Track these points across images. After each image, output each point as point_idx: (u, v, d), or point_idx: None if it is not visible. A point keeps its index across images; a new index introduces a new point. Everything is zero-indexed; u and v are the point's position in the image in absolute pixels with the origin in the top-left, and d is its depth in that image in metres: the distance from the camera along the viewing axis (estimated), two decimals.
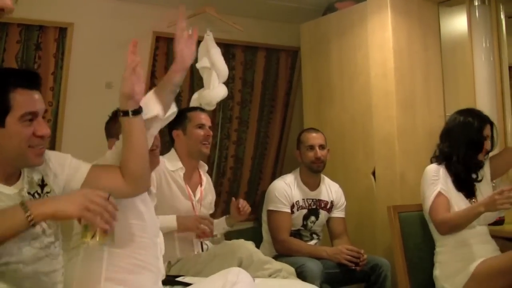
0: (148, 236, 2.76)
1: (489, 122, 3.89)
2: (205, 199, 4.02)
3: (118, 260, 2.65)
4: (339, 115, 5.01)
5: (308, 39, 5.33)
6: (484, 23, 4.63)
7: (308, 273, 3.82)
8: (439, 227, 3.77)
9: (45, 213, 2.12)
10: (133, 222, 2.70)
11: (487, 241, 3.77)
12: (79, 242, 2.63)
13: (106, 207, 2.14)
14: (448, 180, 3.83)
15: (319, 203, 4.49)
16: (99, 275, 2.61)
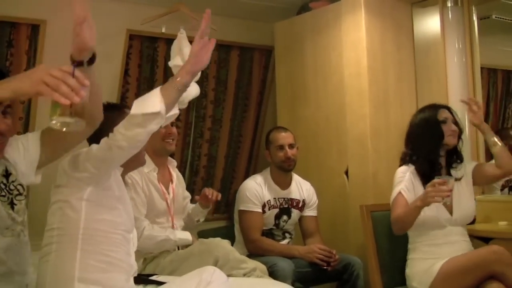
0: (121, 232, 2.74)
1: (443, 107, 3.94)
2: (177, 195, 4.00)
3: (91, 259, 2.61)
4: (312, 114, 5.02)
5: (282, 38, 5.34)
6: (457, 24, 4.67)
7: (280, 273, 3.83)
8: (392, 225, 3.81)
9: (3, 96, 2.07)
10: (106, 218, 2.68)
11: (457, 242, 3.77)
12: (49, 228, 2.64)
13: (65, 79, 1.98)
14: (416, 180, 3.85)
15: (291, 202, 4.50)
16: (72, 276, 2.58)
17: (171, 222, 3.86)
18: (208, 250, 3.46)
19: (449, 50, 4.68)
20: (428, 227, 3.76)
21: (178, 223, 3.92)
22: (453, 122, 3.87)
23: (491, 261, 3.41)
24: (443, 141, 3.85)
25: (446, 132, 3.85)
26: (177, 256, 3.57)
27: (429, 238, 3.77)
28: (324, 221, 4.71)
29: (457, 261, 3.56)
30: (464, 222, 3.86)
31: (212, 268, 2.73)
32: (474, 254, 3.59)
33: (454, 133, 3.86)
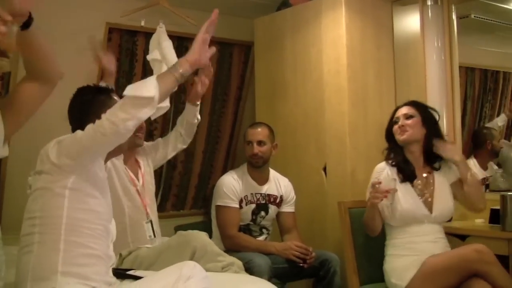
0: (103, 223, 2.72)
1: (404, 105, 3.99)
2: (147, 182, 3.96)
3: (74, 251, 2.59)
4: (291, 110, 5.03)
5: (262, 34, 5.34)
6: (437, 23, 4.70)
7: (256, 269, 3.81)
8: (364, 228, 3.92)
9: None
10: (90, 208, 2.65)
11: (436, 240, 3.78)
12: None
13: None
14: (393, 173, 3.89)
15: (268, 198, 4.49)
16: (55, 269, 2.55)
17: (144, 209, 3.82)
18: (186, 241, 3.43)
19: (429, 49, 4.70)
20: (406, 223, 3.78)
21: (151, 211, 3.88)
22: (407, 117, 3.90)
23: (474, 260, 3.43)
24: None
25: (394, 131, 3.93)
26: (154, 250, 3.54)
27: (407, 235, 3.78)
28: (302, 217, 4.71)
29: (439, 259, 3.57)
30: (442, 220, 3.88)
31: (192, 263, 2.72)
32: (456, 253, 3.59)
33: (400, 130, 3.90)
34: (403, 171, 3.88)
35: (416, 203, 3.79)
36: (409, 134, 3.88)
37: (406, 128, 3.87)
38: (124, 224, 3.67)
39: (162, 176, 5.23)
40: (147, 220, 3.78)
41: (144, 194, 3.86)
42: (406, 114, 3.90)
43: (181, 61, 2.64)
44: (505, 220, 3.87)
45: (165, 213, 5.24)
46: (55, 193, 2.59)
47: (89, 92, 2.92)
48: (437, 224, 3.84)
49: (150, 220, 3.80)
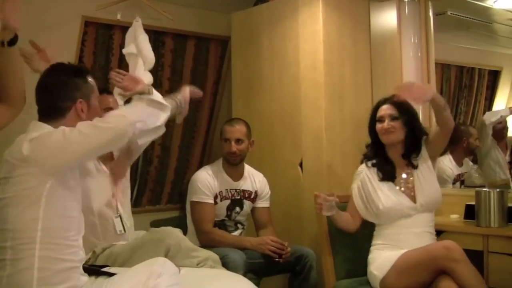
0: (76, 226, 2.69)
1: (386, 102, 3.95)
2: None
3: (50, 269, 2.54)
4: (268, 105, 5.02)
5: (238, 29, 5.32)
6: (413, 19, 4.71)
7: (231, 264, 3.81)
8: None
9: None
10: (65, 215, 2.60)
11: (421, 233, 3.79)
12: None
13: None
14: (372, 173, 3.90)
15: (243, 193, 4.49)
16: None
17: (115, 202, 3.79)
18: (160, 239, 3.42)
19: (405, 45, 4.72)
20: (392, 218, 3.80)
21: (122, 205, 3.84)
22: (393, 119, 3.88)
23: (441, 257, 3.43)
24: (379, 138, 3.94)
25: (379, 130, 3.90)
26: (127, 247, 3.51)
27: (394, 228, 3.80)
28: (278, 212, 4.72)
29: (411, 255, 3.59)
30: (430, 207, 3.86)
31: (163, 259, 2.71)
32: (426, 249, 3.60)
33: (386, 131, 3.87)
34: (384, 171, 3.89)
35: (399, 199, 3.80)
36: (396, 136, 3.88)
37: (392, 130, 3.87)
38: (94, 218, 3.62)
39: (138, 171, 5.20)
40: (117, 214, 3.74)
41: (117, 189, 3.82)
42: (392, 115, 3.88)
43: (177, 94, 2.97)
44: (479, 215, 3.89)
45: (141, 208, 5.22)
46: (30, 202, 2.52)
47: (64, 72, 2.84)
48: (427, 212, 3.84)
49: (120, 215, 3.76)
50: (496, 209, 3.82)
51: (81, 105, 2.73)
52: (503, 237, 3.74)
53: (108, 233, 3.65)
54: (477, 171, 4.84)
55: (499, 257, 3.72)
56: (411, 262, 3.56)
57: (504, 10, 4.94)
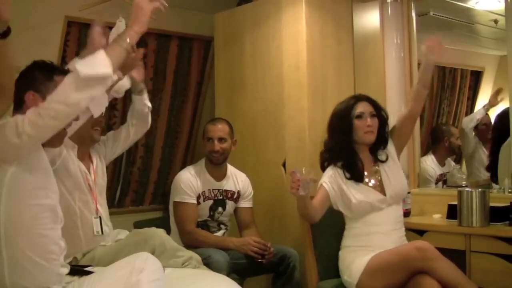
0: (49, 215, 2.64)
1: (364, 100, 3.93)
2: (98, 178, 3.89)
3: (19, 257, 2.50)
4: (251, 105, 5.02)
5: (222, 29, 5.32)
6: (396, 20, 4.73)
7: (214, 265, 3.80)
8: None
9: None
10: (31, 203, 2.55)
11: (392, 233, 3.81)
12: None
13: None
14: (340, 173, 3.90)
15: (226, 194, 4.49)
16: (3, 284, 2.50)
17: (94, 204, 3.77)
18: (144, 240, 3.41)
19: (388, 45, 4.74)
20: (364, 212, 3.81)
21: (101, 207, 3.82)
22: (372, 116, 3.87)
23: (415, 258, 3.44)
24: (354, 136, 3.88)
25: (362, 128, 3.85)
26: (112, 249, 3.50)
27: (365, 224, 3.80)
28: (261, 212, 4.72)
29: (383, 257, 3.60)
30: (398, 198, 3.90)
31: (145, 254, 2.70)
32: (398, 251, 3.61)
33: (369, 129, 3.85)
34: (353, 171, 3.87)
35: (369, 192, 3.81)
36: (375, 135, 3.88)
37: (373, 129, 3.86)
38: (75, 218, 3.60)
39: (121, 171, 5.19)
40: (96, 216, 3.73)
41: (95, 189, 3.81)
42: (372, 112, 3.87)
43: (126, 31, 2.60)
44: (461, 215, 3.90)
45: (124, 209, 5.21)
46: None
47: (31, 67, 2.81)
48: (396, 205, 3.87)
49: (100, 216, 3.74)
50: (478, 209, 3.83)
51: (33, 97, 2.64)
52: (485, 236, 3.74)
53: (88, 235, 3.64)
54: (460, 171, 4.85)
55: (481, 256, 3.73)
56: (384, 264, 3.57)
57: (486, 11, 4.96)
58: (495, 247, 3.68)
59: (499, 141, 4.58)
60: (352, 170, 3.87)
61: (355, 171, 3.87)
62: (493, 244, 3.69)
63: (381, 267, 3.56)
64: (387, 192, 3.83)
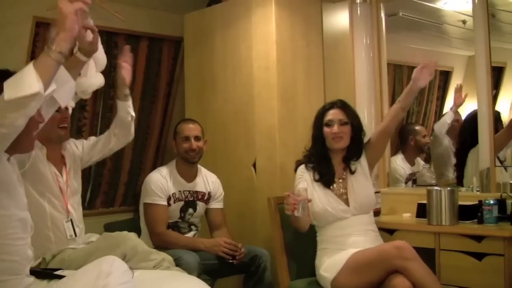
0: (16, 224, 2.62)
1: (336, 107, 3.96)
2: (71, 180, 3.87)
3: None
4: (221, 106, 5.02)
5: (192, 30, 5.31)
6: (365, 20, 4.76)
7: (185, 266, 3.78)
8: None
9: None
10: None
11: (366, 233, 3.85)
12: None
13: None
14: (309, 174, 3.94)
15: (196, 195, 4.48)
16: None
17: (65, 206, 3.74)
18: (116, 244, 3.39)
19: (357, 46, 4.76)
20: (328, 220, 3.84)
21: (73, 209, 3.79)
22: (342, 124, 3.90)
23: (393, 257, 3.46)
24: (326, 144, 3.93)
25: (329, 135, 3.91)
26: (82, 252, 3.47)
27: (334, 229, 3.84)
28: (232, 213, 4.72)
29: (363, 254, 3.62)
30: (364, 210, 3.91)
31: (112, 258, 2.67)
32: (378, 249, 3.65)
33: (336, 136, 3.89)
34: (323, 176, 3.91)
35: (334, 202, 3.85)
36: (344, 142, 3.92)
37: (342, 136, 3.89)
38: (45, 221, 3.56)
39: (91, 173, 5.16)
40: (67, 219, 3.69)
41: (66, 192, 3.77)
42: (341, 120, 3.90)
43: (54, 39, 2.43)
44: (431, 214, 3.93)
45: (95, 211, 5.18)
46: None
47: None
48: (363, 214, 3.89)
49: (71, 219, 3.71)
50: (447, 208, 3.87)
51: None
52: (454, 234, 3.78)
53: (58, 237, 3.61)
54: (429, 170, 4.89)
55: (450, 254, 3.76)
56: (362, 262, 3.58)
57: (454, 12, 4.99)
58: (464, 245, 3.71)
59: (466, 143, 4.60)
60: (322, 173, 3.92)
61: (324, 174, 3.91)
62: (462, 242, 3.72)
63: (360, 264, 3.58)
64: (351, 203, 3.87)
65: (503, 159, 4.44)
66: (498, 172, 4.28)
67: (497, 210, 3.82)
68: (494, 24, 4.42)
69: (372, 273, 3.53)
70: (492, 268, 3.58)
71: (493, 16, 4.42)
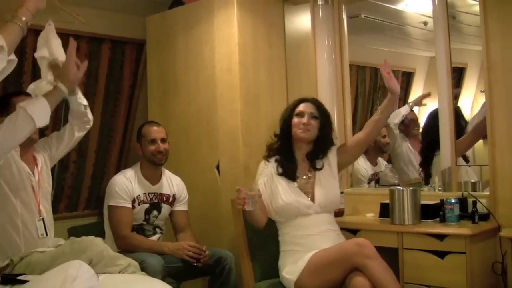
0: None
1: (307, 101, 4.00)
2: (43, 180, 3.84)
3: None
4: (184, 108, 5.02)
5: (154, 32, 5.30)
6: (327, 22, 4.79)
7: (149, 269, 3.77)
8: None
9: None
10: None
11: (326, 231, 3.85)
12: None
13: None
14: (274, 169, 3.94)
15: (161, 197, 4.47)
16: None
17: (37, 206, 3.71)
18: (82, 249, 3.36)
19: (319, 47, 4.79)
20: (291, 215, 3.84)
21: (45, 209, 3.76)
22: (312, 117, 3.93)
23: (353, 254, 3.49)
24: (292, 133, 3.95)
25: (296, 125, 3.93)
26: (48, 256, 3.44)
27: (295, 229, 3.84)
28: (196, 215, 4.72)
29: (324, 253, 3.64)
30: (328, 208, 3.94)
31: (78, 262, 2.67)
32: (339, 247, 3.66)
33: (304, 127, 3.91)
34: (285, 168, 3.93)
35: (298, 196, 3.86)
36: (310, 134, 3.94)
37: (310, 128, 3.92)
38: (16, 221, 3.55)
39: (54, 177, 5.09)
40: (39, 218, 3.67)
41: (38, 192, 3.75)
42: (312, 113, 3.94)
43: (21, 10, 2.74)
44: (394, 213, 3.96)
45: (58, 215, 5.10)
46: None
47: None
48: (326, 213, 3.91)
49: (43, 218, 3.69)
50: (409, 207, 3.90)
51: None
52: (416, 233, 3.82)
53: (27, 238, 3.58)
54: (392, 170, 4.93)
55: (413, 253, 3.80)
56: (324, 261, 3.60)
57: (416, 13, 5.03)
58: (426, 244, 3.75)
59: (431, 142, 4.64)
60: (285, 166, 3.93)
61: (288, 168, 3.93)
62: (425, 241, 3.76)
63: (322, 264, 3.60)
64: (316, 200, 3.88)
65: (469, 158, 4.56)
66: (464, 171, 4.38)
67: (459, 208, 3.88)
68: (454, 25, 4.48)
69: (334, 272, 3.55)
70: (454, 266, 3.63)
71: (453, 18, 4.48)
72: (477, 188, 4.29)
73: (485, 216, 3.92)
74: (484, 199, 3.98)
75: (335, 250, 3.62)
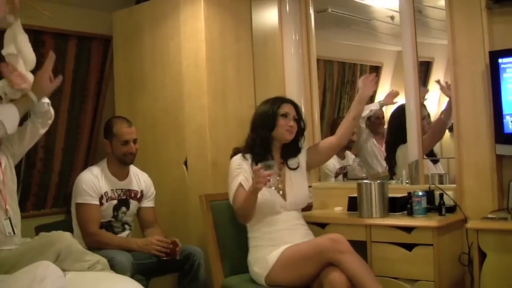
0: None
1: (288, 102, 4.01)
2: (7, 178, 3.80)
3: None
4: (151, 105, 5.00)
5: (120, 28, 5.27)
6: (294, 17, 4.81)
7: (118, 266, 3.76)
8: (237, 216, 3.90)
9: None
10: None
11: (296, 227, 3.87)
12: None
13: None
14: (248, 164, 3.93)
15: (129, 193, 4.45)
16: None
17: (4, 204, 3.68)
18: (50, 243, 3.35)
19: (287, 42, 4.81)
20: (264, 213, 3.84)
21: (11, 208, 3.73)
22: (295, 119, 3.95)
23: (327, 249, 3.50)
24: (273, 133, 3.94)
25: (283, 126, 3.93)
26: (16, 252, 3.43)
27: (266, 225, 3.85)
28: (164, 212, 4.71)
29: (297, 248, 3.65)
30: (297, 206, 3.98)
31: (46, 263, 2.66)
32: (313, 242, 3.68)
33: (291, 129, 3.94)
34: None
35: (273, 195, 3.86)
36: (292, 136, 3.96)
37: (293, 130, 3.95)
38: None
39: (21, 175, 5.05)
40: (6, 217, 3.64)
41: (4, 191, 3.72)
42: (295, 116, 3.97)
43: None
44: (361, 207, 3.99)
45: (26, 213, 5.05)
46: None
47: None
48: (294, 211, 3.94)
49: (9, 217, 3.66)
50: (377, 200, 3.93)
51: None
52: (384, 226, 3.84)
53: None
54: (360, 164, 4.96)
55: (382, 246, 3.82)
56: (297, 255, 3.61)
57: (383, 8, 5.06)
58: (394, 237, 3.78)
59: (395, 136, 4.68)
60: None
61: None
62: (393, 234, 3.79)
63: (295, 258, 3.61)
64: (288, 198, 3.90)
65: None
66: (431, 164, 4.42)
67: (426, 201, 3.91)
68: (421, 19, 4.51)
69: (307, 267, 3.57)
70: (422, 258, 3.65)
71: (420, 12, 4.51)
72: (444, 180, 4.33)
73: (452, 208, 3.97)
74: (451, 192, 4.03)
75: (309, 246, 3.63)
